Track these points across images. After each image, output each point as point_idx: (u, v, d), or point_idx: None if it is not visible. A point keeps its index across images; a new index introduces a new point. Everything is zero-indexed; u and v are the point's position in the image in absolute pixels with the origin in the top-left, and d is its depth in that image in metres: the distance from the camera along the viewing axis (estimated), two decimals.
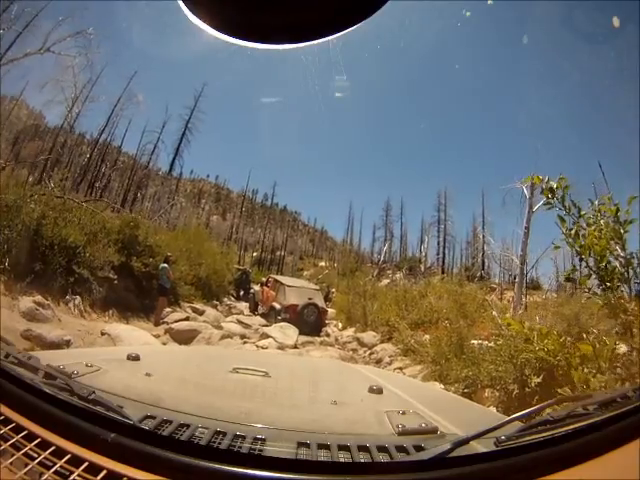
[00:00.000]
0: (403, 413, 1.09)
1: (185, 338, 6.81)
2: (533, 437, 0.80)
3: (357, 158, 22.20)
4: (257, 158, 22.92)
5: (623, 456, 0.72)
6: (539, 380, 4.05)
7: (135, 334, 6.22)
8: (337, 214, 23.24)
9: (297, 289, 10.69)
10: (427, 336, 7.35)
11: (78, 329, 6.06)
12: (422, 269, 17.13)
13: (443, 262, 18.07)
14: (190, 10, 0.60)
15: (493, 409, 3.94)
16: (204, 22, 0.61)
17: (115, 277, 7.98)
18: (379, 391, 1.36)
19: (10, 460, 0.74)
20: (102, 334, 6.02)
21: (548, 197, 2.81)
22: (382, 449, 0.85)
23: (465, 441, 0.79)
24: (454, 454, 0.77)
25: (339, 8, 0.60)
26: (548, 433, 0.80)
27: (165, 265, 8.50)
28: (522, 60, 13.84)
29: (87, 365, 1.19)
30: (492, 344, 5.21)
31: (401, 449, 0.85)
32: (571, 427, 0.80)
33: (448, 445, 0.78)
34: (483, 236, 16.86)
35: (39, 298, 6.04)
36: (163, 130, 16.69)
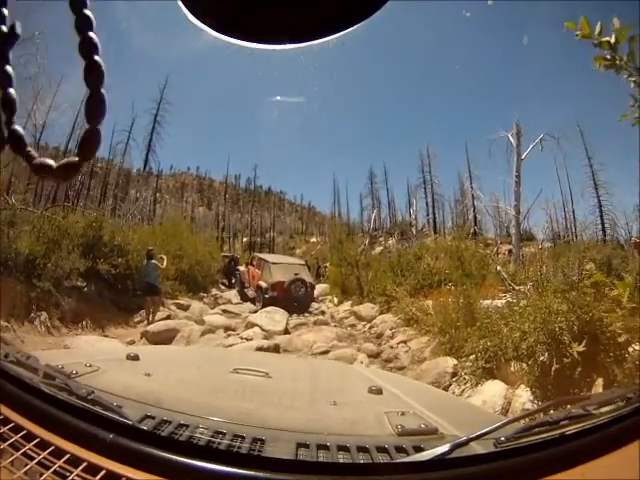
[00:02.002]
0: (403, 414, 1.09)
1: (163, 339, 6.39)
2: (533, 438, 0.80)
3: (335, 128, 22.06)
4: (234, 143, 22.89)
5: (623, 456, 0.72)
6: (583, 348, 3.44)
7: (102, 345, 5.75)
8: (322, 188, 23.12)
9: (282, 265, 10.45)
10: (429, 302, 6.74)
11: (42, 348, 5.55)
12: (414, 232, 16.95)
13: (434, 223, 17.98)
14: (189, 10, 0.60)
15: (493, 409, 3.73)
16: (203, 22, 0.61)
17: (84, 284, 7.51)
18: (379, 392, 1.36)
19: (9, 460, 0.74)
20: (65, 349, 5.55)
21: (605, 58, 1.74)
22: (382, 450, 0.85)
23: (465, 442, 0.79)
24: (454, 455, 0.77)
25: (339, 8, 0.60)
26: (548, 434, 0.80)
27: (153, 261, 7.92)
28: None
29: (86, 365, 1.19)
30: (515, 305, 4.48)
31: (401, 450, 0.85)
32: (571, 428, 0.80)
33: (448, 446, 0.78)
34: (472, 191, 16.66)
35: None
36: (132, 128, 16.56)
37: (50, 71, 12.84)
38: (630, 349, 3.45)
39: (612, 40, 1.78)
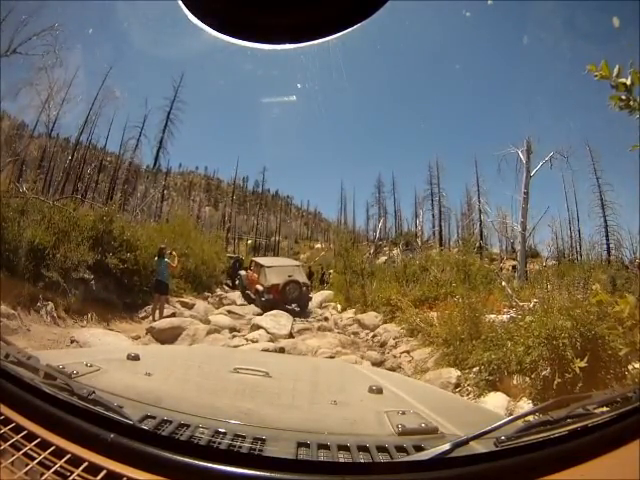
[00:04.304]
0: (403, 413, 1.09)
1: (168, 337, 6.37)
2: (533, 437, 0.80)
3: (345, 135, 21.93)
4: (244, 145, 22.91)
5: (623, 456, 0.72)
6: (584, 364, 3.55)
7: (107, 339, 5.75)
8: (329, 195, 23.20)
9: (276, 268, 10.63)
10: (434, 313, 6.80)
11: (48, 339, 5.68)
12: (419, 243, 17.00)
13: (440, 235, 17.96)
14: (190, 10, 0.60)
15: (494, 408, 3.83)
16: (204, 22, 0.61)
17: (91, 277, 7.52)
18: (379, 391, 1.36)
19: (10, 460, 0.74)
20: (71, 342, 5.58)
21: (620, 99, 1.91)
22: (382, 449, 0.85)
23: (465, 441, 0.79)
24: (454, 454, 0.77)
25: (339, 8, 0.60)
26: (548, 433, 0.80)
27: (166, 259, 8.00)
28: (522, 50, 13.67)
29: (87, 365, 1.19)
30: (520, 320, 4.57)
31: (401, 449, 0.85)
32: (571, 427, 0.80)
33: (448, 445, 0.78)
34: (479, 206, 16.63)
35: (4, 308, 5.58)
36: (144, 124, 16.54)
37: (66, 63, 12.89)
38: (630, 367, 3.56)
39: (628, 82, 1.92)
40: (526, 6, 10.48)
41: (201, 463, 0.73)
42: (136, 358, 1.43)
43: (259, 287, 10.15)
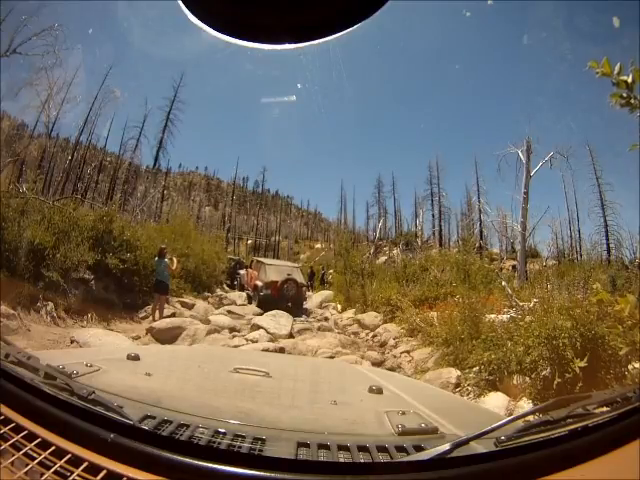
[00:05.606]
0: (403, 413, 1.09)
1: (168, 337, 6.42)
2: (533, 437, 0.80)
3: (345, 135, 22.11)
4: (244, 145, 23.02)
5: (623, 456, 0.72)
6: (584, 364, 3.55)
7: (107, 339, 5.77)
8: (329, 194, 23.36)
9: (276, 267, 11.28)
10: (434, 313, 6.83)
11: (48, 339, 5.70)
12: (419, 243, 17.12)
13: (440, 235, 18.04)
14: (190, 10, 0.60)
15: (493, 408, 3.81)
16: (204, 22, 0.61)
17: (91, 277, 7.59)
18: (379, 391, 1.36)
19: (10, 460, 0.74)
20: (71, 342, 5.61)
21: (621, 96, 1.88)
22: (382, 449, 0.85)
23: (465, 441, 0.79)
24: (454, 454, 0.77)
25: (339, 8, 0.61)
26: (548, 433, 0.80)
27: (166, 260, 8.02)
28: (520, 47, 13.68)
29: (87, 365, 1.19)
30: (520, 320, 4.59)
31: (401, 449, 0.85)
32: (571, 427, 0.80)
33: (448, 445, 0.78)
34: (479, 206, 16.79)
35: (4, 308, 5.59)
36: (144, 124, 16.66)
37: (66, 63, 12.95)
38: (630, 367, 3.57)
39: (629, 80, 1.89)
40: (526, 6, 10.52)
41: (201, 463, 0.73)
42: (136, 358, 1.43)
43: (258, 283, 10.60)
